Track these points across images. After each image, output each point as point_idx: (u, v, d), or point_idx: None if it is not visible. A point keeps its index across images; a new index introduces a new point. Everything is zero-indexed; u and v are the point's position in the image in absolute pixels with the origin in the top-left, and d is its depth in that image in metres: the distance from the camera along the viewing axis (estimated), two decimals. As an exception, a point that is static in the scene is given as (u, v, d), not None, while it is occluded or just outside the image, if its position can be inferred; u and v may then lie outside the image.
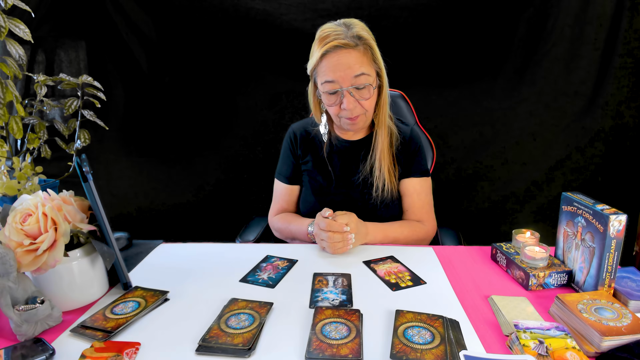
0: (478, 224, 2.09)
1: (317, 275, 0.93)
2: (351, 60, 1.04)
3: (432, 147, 1.44)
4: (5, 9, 0.96)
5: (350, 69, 1.04)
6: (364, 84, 1.06)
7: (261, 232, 1.31)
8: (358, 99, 1.08)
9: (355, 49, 1.04)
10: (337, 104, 1.09)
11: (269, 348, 0.69)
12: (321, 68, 1.07)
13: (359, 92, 1.07)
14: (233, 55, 2.00)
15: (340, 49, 1.03)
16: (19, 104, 1.02)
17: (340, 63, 1.04)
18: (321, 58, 1.06)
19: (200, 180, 2.16)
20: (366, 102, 1.10)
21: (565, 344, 0.64)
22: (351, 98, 1.07)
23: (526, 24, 1.87)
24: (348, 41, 1.03)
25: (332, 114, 1.15)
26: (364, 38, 1.05)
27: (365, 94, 1.08)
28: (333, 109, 1.12)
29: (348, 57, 1.04)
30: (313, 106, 1.20)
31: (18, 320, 0.70)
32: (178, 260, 1.03)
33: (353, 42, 1.03)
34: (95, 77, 1.12)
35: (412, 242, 1.16)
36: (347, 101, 1.07)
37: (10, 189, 0.94)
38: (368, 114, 1.14)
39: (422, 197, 1.21)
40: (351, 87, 1.06)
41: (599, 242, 0.78)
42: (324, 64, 1.06)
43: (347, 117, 1.11)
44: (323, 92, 1.10)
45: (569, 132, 1.97)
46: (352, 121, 1.13)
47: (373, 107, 1.14)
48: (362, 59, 1.05)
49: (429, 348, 0.66)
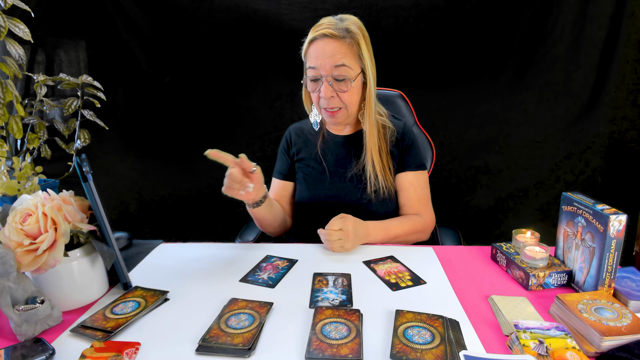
0: (478, 223, 2.09)
1: (317, 275, 0.93)
2: (335, 50, 1.07)
3: (432, 147, 1.44)
4: (5, 8, 0.96)
5: (332, 57, 1.07)
6: (343, 76, 1.09)
7: (261, 232, 1.31)
8: (336, 90, 1.10)
9: (341, 40, 1.07)
10: (317, 91, 1.13)
11: (269, 348, 0.69)
12: (308, 54, 1.12)
13: (338, 83, 1.10)
14: (233, 56, 2.00)
15: (327, 38, 1.08)
16: (19, 104, 1.02)
17: (324, 51, 1.08)
18: (309, 44, 1.11)
19: (200, 180, 2.16)
20: (344, 95, 1.11)
21: (565, 344, 0.64)
22: (329, 88, 1.10)
23: (526, 24, 1.87)
24: (336, 32, 1.07)
25: (314, 103, 1.18)
26: (352, 32, 1.08)
27: (343, 86, 1.10)
28: (314, 97, 1.16)
29: (332, 47, 1.07)
30: (304, 96, 1.23)
31: (18, 320, 0.70)
32: (178, 260, 1.03)
33: (341, 33, 1.07)
34: (95, 77, 1.12)
35: (412, 237, 1.16)
36: (324, 89, 1.10)
37: (10, 189, 0.94)
38: (349, 109, 1.15)
39: (418, 190, 1.21)
40: (330, 77, 1.09)
41: (599, 242, 0.78)
42: (311, 50, 1.11)
43: (325, 108, 1.14)
44: (306, 78, 1.14)
45: (569, 132, 1.97)
46: (330, 114, 1.15)
47: (354, 103, 1.15)
48: (346, 52, 1.08)
49: (429, 348, 0.66)
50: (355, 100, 1.15)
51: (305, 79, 1.16)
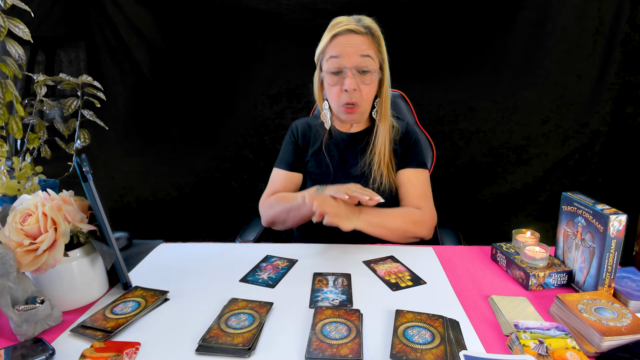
0: (478, 224, 2.09)
1: (317, 275, 0.93)
2: (359, 42, 1.09)
3: (432, 147, 1.44)
4: (5, 8, 0.96)
5: (357, 48, 1.09)
6: (367, 67, 1.10)
7: (261, 232, 1.31)
8: (359, 83, 1.10)
9: (364, 35, 1.10)
10: (339, 84, 1.12)
11: (269, 348, 0.69)
12: (329, 48, 1.11)
13: (362, 76, 1.10)
14: (233, 56, 2.00)
15: (351, 32, 1.09)
16: (19, 104, 1.02)
17: (349, 42, 1.09)
18: (331, 40, 1.11)
19: (200, 180, 2.16)
20: (366, 89, 1.11)
21: (565, 344, 0.64)
22: (353, 79, 1.09)
23: (526, 22, 1.87)
24: (359, 27, 1.09)
25: (332, 99, 1.16)
26: (373, 29, 1.11)
27: (367, 79, 1.11)
28: (334, 91, 1.13)
29: (357, 40, 1.09)
30: (317, 92, 1.22)
31: (18, 320, 0.70)
32: (178, 260, 1.03)
33: (364, 29, 1.09)
34: (95, 77, 1.12)
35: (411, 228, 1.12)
36: (349, 81, 1.09)
37: (10, 189, 0.94)
38: (365, 106, 1.15)
39: (418, 186, 1.19)
40: (354, 68, 1.09)
41: (599, 242, 0.78)
42: (332, 44, 1.11)
43: (345, 103, 1.12)
44: (327, 72, 1.13)
45: (569, 132, 1.97)
46: (348, 111, 1.14)
47: (370, 99, 1.15)
48: (370, 45, 1.10)
49: (429, 348, 0.66)
50: (372, 96, 1.16)
51: (322, 74, 1.15)
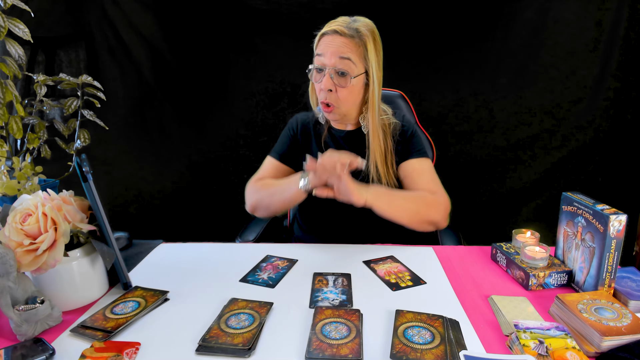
0: (478, 224, 2.09)
1: (317, 275, 0.93)
2: (341, 43, 1.10)
3: (432, 147, 1.44)
4: (5, 8, 0.96)
5: (338, 49, 1.10)
6: (345, 70, 1.10)
7: (261, 232, 1.31)
8: (336, 84, 1.11)
9: (349, 38, 1.10)
10: (319, 82, 1.14)
11: (269, 348, 0.69)
12: (317, 46, 1.15)
13: (339, 78, 1.11)
14: (233, 55, 2.00)
15: (335, 33, 1.10)
16: (19, 104, 1.02)
17: (332, 43, 1.11)
18: (319, 38, 1.14)
19: (200, 180, 2.16)
20: (343, 92, 1.11)
21: (565, 344, 0.64)
22: (329, 80, 1.11)
23: (527, 22, 1.87)
24: (346, 30, 1.09)
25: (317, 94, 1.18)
26: (361, 33, 1.10)
27: (342, 81, 1.11)
28: (317, 87, 1.16)
29: (339, 41, 1.10)
30: (310, 90, 1.24)
31: (18, 320, 0.70)
32: (178, 260, 1.03)
33: (350, 32, 1.09)
34: (95, 77, 1.12)
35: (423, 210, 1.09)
36: (325, 80, 1.11)
37: (10, 189, 0.94)
38: (343, 108, 1.15)
39: (425, 174, 1.17)
40: (333, 69, 1.10)
41: (599, 242, 0.78)
42: (320, 42, 1.14)
43: (322, 102, 1.14)
44: (313, 69, 1.15)
45: (569, 132, 1.97)
46: (325, 109, 1.16)
47: (350, 103, 1.15)
48: (353, 49, 1.10)
49: (429, 348, 0.66)
50: (353, 100, 1.15)
51: (312, 70, 1.16)
